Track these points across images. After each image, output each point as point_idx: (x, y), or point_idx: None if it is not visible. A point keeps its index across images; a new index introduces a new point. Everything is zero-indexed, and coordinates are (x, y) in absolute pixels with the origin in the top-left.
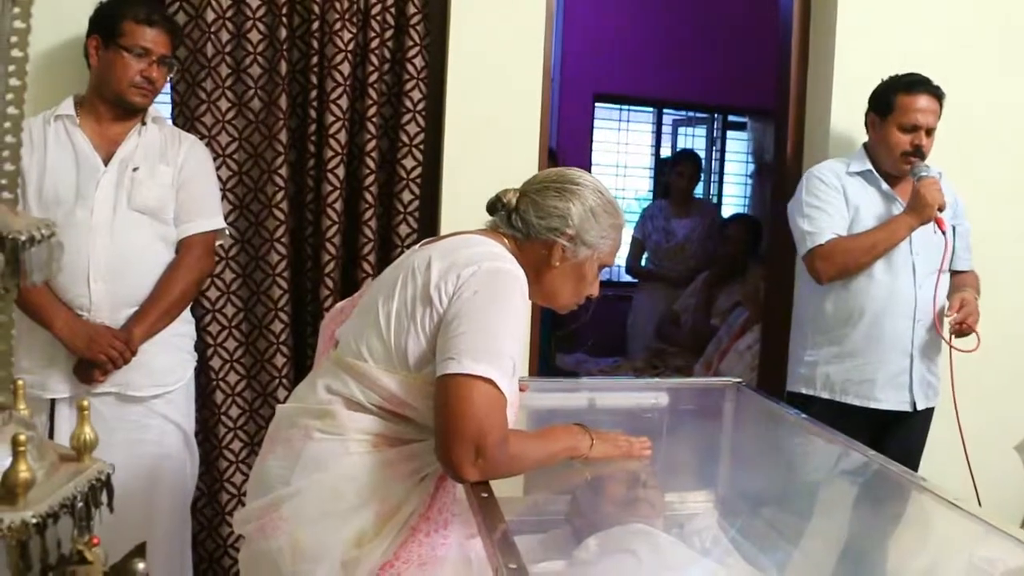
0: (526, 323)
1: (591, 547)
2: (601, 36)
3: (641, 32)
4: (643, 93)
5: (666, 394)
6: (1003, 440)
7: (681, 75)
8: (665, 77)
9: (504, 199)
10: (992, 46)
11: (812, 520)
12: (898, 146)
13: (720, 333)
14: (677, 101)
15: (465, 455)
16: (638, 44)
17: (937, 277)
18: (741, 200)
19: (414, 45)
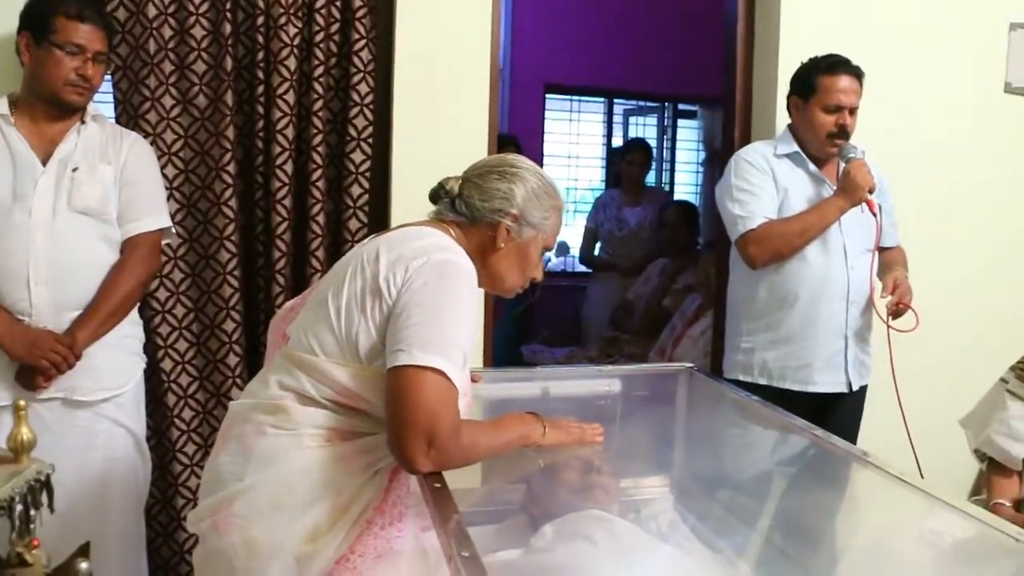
0: (476, 314)
1: (547, 535)
2: (551, 27)
3: (591, 22)
4: (594, 83)
5: (619, 381)
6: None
7: (631, 65)
8: (616, 67)
9: (447, 186)
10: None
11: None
12: (823, 127)
13: (674, 320)
14: (628, 91)
15: (417, 446)
16: (588, 35)
17: (871, 258)
18: (693, 188)
19: (360, 39)
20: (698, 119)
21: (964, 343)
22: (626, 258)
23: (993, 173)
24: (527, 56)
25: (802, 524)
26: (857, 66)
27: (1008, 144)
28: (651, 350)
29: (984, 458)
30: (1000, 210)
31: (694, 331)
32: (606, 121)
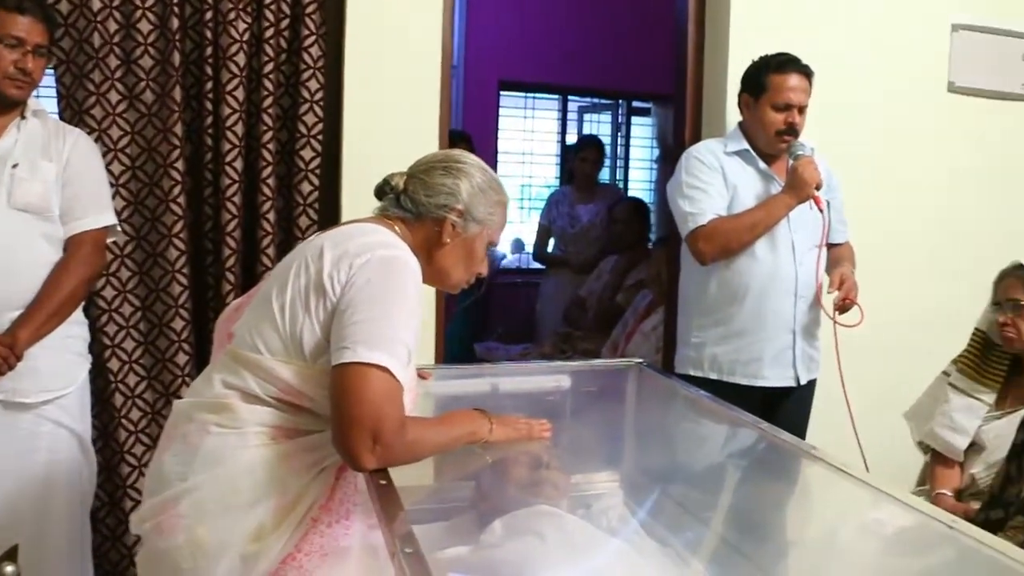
0: (421, 310)
1: (497, 531)
2: (506, 23)
3: (546, 19)
4: (548, 80)
5: (568, 377)
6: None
7: (586, 62)
8: (570, 64)
9: (392, 182)
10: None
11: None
12: (772, 125)
13: (626, 315)
14: (582, 88)
15: (362, 443)
16: (543, 31)
17: (817, 254)
18: (647, 185)
19: (310, 34)
20: (652, 116)
21: (909, 338)
22: (579, 255)
23: (938, 171)
24: (482, 52)
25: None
26: (807, 65)
27: (952, 142)
28: (604, 346)
29: (928, 450)
30: (944, 207)
31: (646, 327)
32: (560, 118)
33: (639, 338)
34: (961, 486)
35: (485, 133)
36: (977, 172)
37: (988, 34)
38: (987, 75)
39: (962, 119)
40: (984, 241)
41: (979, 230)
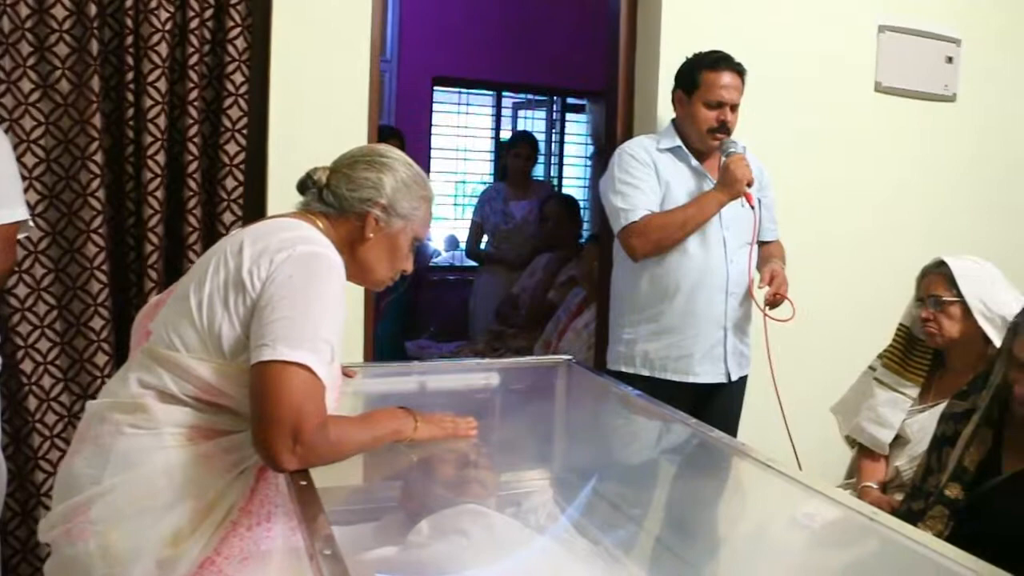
0: (344, 307)
1: (423, 531)
2: (439, 19)
3: (480, 15)
4: (482, 76)
5: (497, 374)
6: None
7: (520, 58)
8: (504, 60)
9: (314, 176)
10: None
11: (645, 491)
12: (704, 122)
13: (558, 313)
14: (517, 84)
15: (282, 443)
16: (477, 27)
17: (749, 251)
18: (582, 181)
19: (235, 26)
20: (587, 113)
21: (838, 334)
22: (512, 252)
23: (865, 170)
24: (416, 48)
25: (681, 515)
26: (739, 63)
27: (879, 141)
28: (537, 343)
29: (854, 444)
30: (872, 205)
31: (578, 324)
32: (495, 114)
33: (571, 335)
34: (886, 479)
35: (419, 129)
36: (902, 170)
37: (913, 36)
38: (912, 76)
39: (888, 119)
40: (909, 238)
41: (904, 227)
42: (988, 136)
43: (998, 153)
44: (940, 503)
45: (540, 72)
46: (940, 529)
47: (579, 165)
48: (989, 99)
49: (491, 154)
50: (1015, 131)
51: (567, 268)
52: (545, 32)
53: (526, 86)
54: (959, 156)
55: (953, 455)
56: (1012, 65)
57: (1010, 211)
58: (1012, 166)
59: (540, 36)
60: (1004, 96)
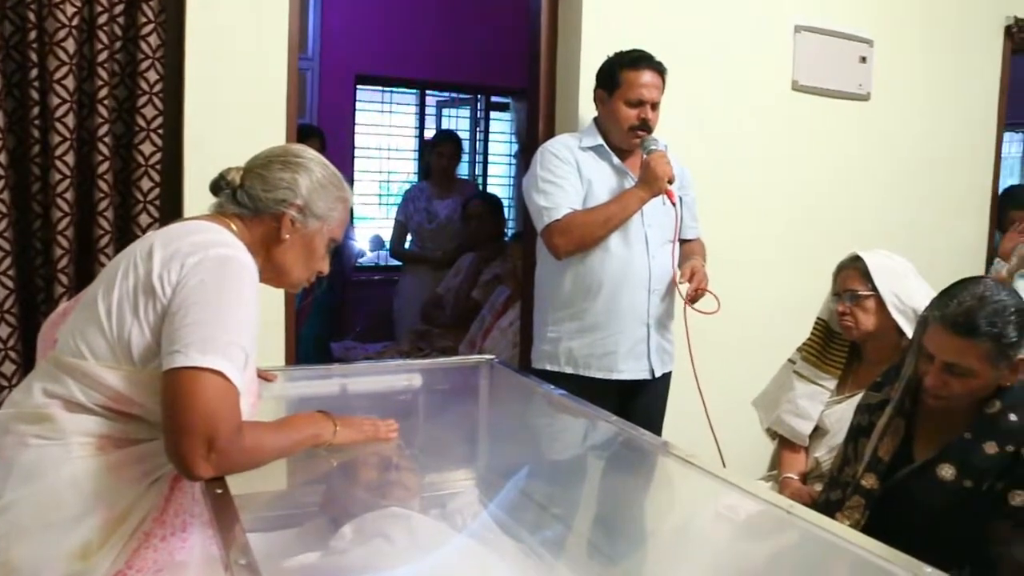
0: (258, 311)
1: (346, 535)
2: (362, 16)
3: (404, 12)
4: (406, 74)
5: (420, 376)
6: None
7: (444, 56)
8: (428, 58)
9: (228, 177)
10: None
11: (571, 490)
12: (625, 120)
13: (483, 312)
14: (440, 82)
15: (196, 451)
16: (400, 25)
17: (670, 248)
18: (506, 180)
19: (148, 22)
20: (510, 111)
21: (758, 328)
22: (437, 251)
23: (783, 167)
24: (338, 46)
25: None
26: (660, 62)
27: (797, 139)
28: (462, 343)
29: (775, 436)
30: (790, 202)
31: (503, 322)
32: (418, 113)
33: (496, 334)
34: (807, 469)
35: (342, 128)
36: (819, 167)
37: (828, 36)
38: (828, 75)
39: (805, 117)
40: (826, 234)
41: (821, 223)
42: (900, 134)
43: (910, 150)
44: (857, 493)
45: (464, 70)
46: (857, 518)
47: (503, 163)
48: (901, 98)
49: (415, 153)
50: (925, 129)
51: (491, 267)
52: (469, 30)
53: (450, 84)
54: (873, 153)
55: (868, 446)
56: (922, 65)
57: (921, 207)
58: (923, 163)
59: (464, 34)
60: (915, 95)
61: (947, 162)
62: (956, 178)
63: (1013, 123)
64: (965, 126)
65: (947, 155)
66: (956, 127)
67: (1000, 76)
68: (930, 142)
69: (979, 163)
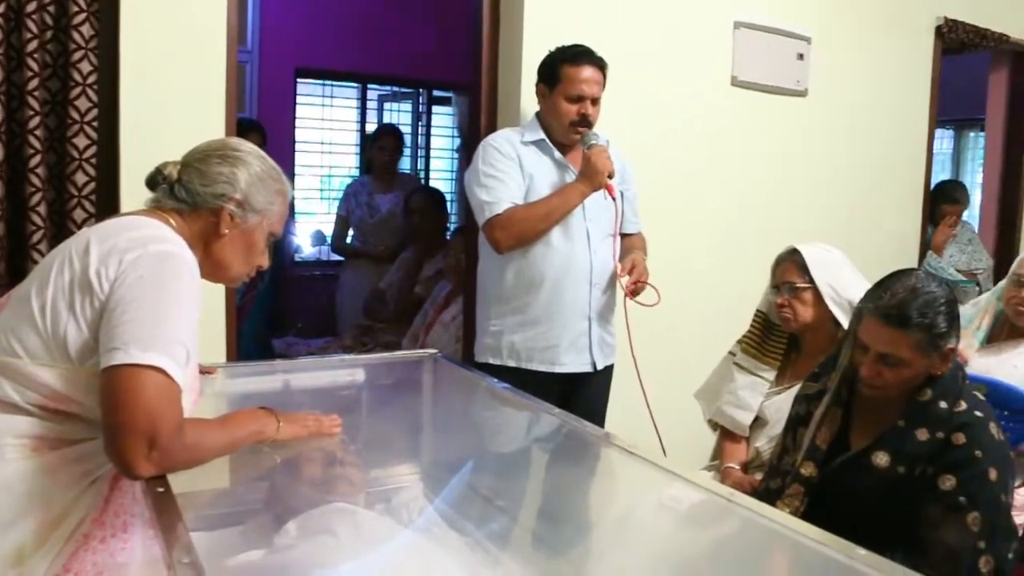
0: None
1: (291, 532)
2: (303, 9)
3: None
4: (347, 68)
5: (363, 370)
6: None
7: (386, 50)
8: (370, 52)
9: (164, 172)
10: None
11: (515, 483)
12: (566, 116)
13: (426, 306)
14: (382, 76)
15: (136, 449)
16: (341, 18)
17: (611, 242)
18: (449, 174)
19: (80, 11)
20: (453, 105)
21: (698, 321)
22: (379, 246)
23: (724, 161)
24: (278, 39)
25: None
26: (600, 57)
27: (736, 134)
28: (405, 337)
29: (717, 427)
30: (730, 196)
31: (445, 317)
32: (360, 107)
33: (439, 328)
34: (748, 459)
35: (282, 122)
36: (759, 162)
37: (767, 33)
38: (766, 71)
39: (745, 112)
40: (765, 227)
41: (761, 216)
42: (836, 130)
43: (845, 146)
44: (796, 481)
45: (406, 64)
46: (797, 506)
47: (446, 158)
48: (837, 95)
49: (356, 147)
50: (860, 125)
51: (434, 261)
52: (411, 24)
53: (392, 78)
54: (811, 148)
55: (807, 435)
56: (857, 63)
57: (857, 201)
58: (858, 158)
59: (406, 28)
60: (850, 92)
61: (881, 158)
62: (890, 173)
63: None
64: (898, 123)
65: (881, 151)
66: (890, 124)
67: (931, 74)
68: (865, 138)
69: (912, 159)
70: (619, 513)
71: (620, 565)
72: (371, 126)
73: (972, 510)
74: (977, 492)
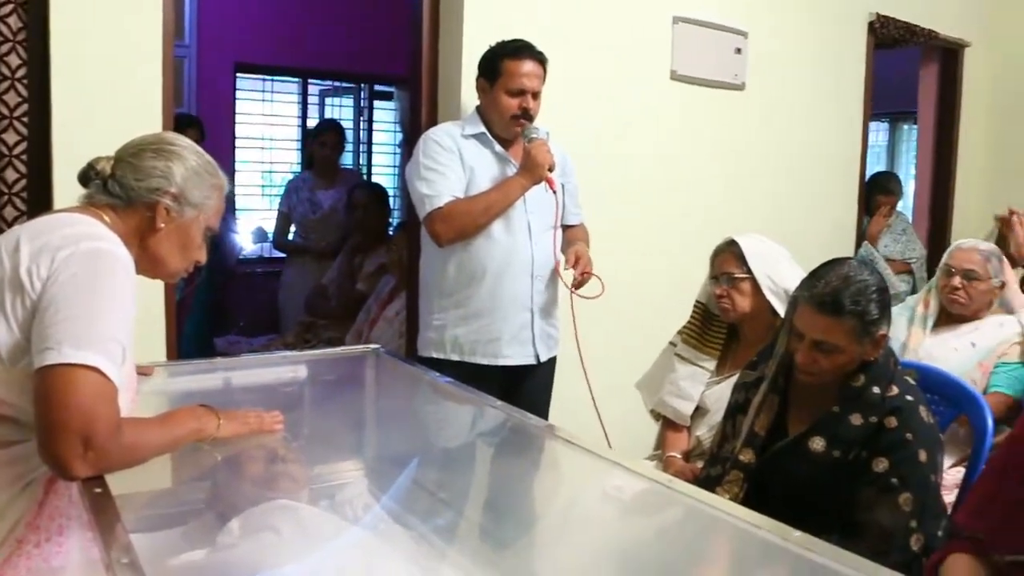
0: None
1: (234, 530)
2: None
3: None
4: (287, 63)
5: (305, 367)
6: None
7: (327, 44)
8: (311, 46)
9: (97, 167)
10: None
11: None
12: (507, 109)
13: (369, 302)
14: (323, 71)
15: (72, 450)
16: (281, 12)
17: (552, 234)
18: (391, 169)
19: (6, 2)
20: (395, 100)
21: (640, 313)
22: (320, 241)
23: (665, 155)
24: (216, 33)
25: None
26: (541, 51)
27: (675, 127)
28: (348, 333)
29: (659, 417)
30: (669, 188)
31: (389, 312)
32: (301, 102)
33: (383, 324)
34: (689, 448)
35: (221, 118)
36: (698, 155)
37: (705, 28)
38: (705, 65)
39: (684, 106)
40: (704, 219)
41: (700, 209)
42: (774, 123)
43: (783, 139)
44: (735, 467)
45: (347, 59)
46: (736, 492)
47: (388, 153)
48: (774, 88)
49: (298, 143)
50: (797, 118)
51: (377, 257)
52: (352, 18)
53: (333, 73)
54: (749, 141)
55: (745, 422)
56: (793, 57)
57: (794, 192)
58: (795, 151)
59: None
60: (787, 86)
61: (818, 150)
62: (826, 165)
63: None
64: (834, 116)
65: (818, 143)
66: (826, 117)
67: (865, 69)
68: (802, 131)
69: (847, 151)
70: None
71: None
72: (313, 121)
73: (904, 491)
74: (909, 473)
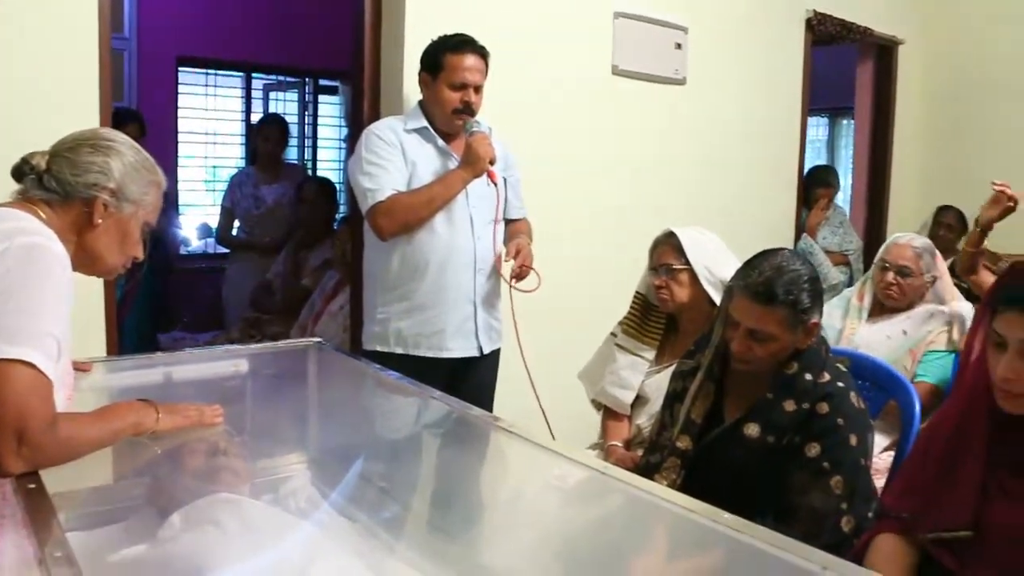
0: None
1: (175, 524)
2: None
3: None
4: (231, 56)
5: (247, 361)
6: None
7: (271, 38)
8: (254, 40)
9: (32, 162)
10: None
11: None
12: (449, 103)
13: (314, 296)
14: (267, 65)
15: (5, 446)
16: (223, 5)
17: (494, 228)
18: (336, 164)
19: None
20: (339, 95)
21: (581, 304)
22: (264, 237)
23: (606, 149)
24: (157, 26)
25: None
26: (483, 46)
27: (617, 121)
28: (293, 328)
29: (600, 407)
30: (610, 181)
31: (333, 306)
32: (244, 96)
33: (327, 318)
34: (630, 436)
35: (163, 112)
36: (639, 149)
37: (645, 23)
38: (646, 60)
39: (626, 100)
40: (644, 211)
41: (640, 201)
42: (714, 117)
43: (723, 133)
44: (673, 455)
45: (291, 53)
46: (673, 479)
47: (333, 147)
48: (713, 83)
49: (242, 138)
50: (737, 113)
51: (321, 251)
52: (296, 11)
53: (277, 67)
54: (689, 136)
55: (682, 409)
56: (733, 52)
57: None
58: (735, 145)
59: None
60: (727, 81)
61: (757, 144)
62: (766, 159)
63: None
64: (773, 111)
65: (757, 138)
66: (765, 111)
67: (803, 65)
68: (741, 125)
69: (786, 145)
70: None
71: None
72: (257, 116)
73: (835, 474)
74: (840, 458)
